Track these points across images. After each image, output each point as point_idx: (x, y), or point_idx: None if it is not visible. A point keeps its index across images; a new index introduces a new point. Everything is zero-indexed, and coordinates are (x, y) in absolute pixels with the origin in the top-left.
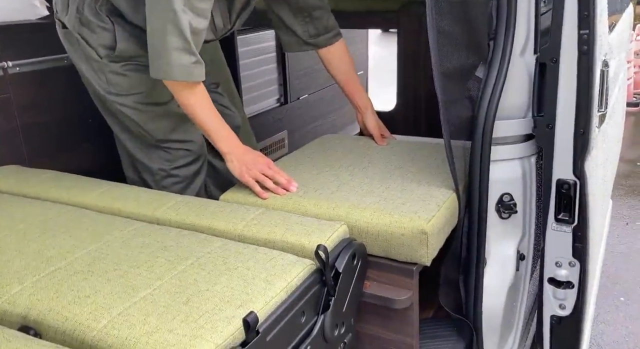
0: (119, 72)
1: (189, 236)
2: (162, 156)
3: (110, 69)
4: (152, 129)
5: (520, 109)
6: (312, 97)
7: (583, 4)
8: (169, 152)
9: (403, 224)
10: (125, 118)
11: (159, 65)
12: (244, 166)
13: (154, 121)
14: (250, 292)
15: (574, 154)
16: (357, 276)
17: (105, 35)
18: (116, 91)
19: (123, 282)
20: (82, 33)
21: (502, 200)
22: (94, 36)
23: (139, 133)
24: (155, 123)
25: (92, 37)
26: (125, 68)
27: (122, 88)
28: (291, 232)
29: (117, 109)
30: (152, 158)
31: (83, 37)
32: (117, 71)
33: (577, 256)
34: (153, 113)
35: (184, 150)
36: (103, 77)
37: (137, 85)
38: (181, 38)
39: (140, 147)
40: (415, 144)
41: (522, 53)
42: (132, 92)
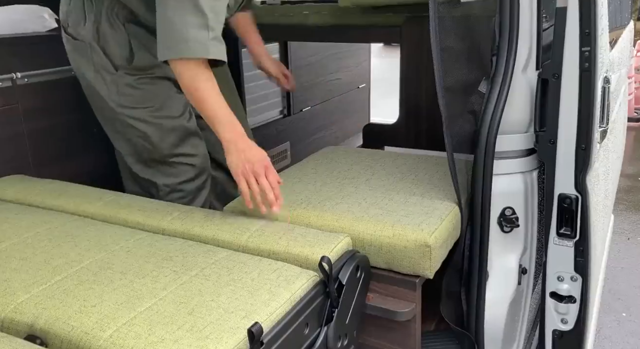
0: (133, 85)
1: (194, 247)
2: (167, 171)
3: (125, 82)
4: (159, 143)
5: (523, 124)
6: (314, 109)
7: (584, 21)
8: (174, 166)
9: (406, 236)
10: (133, 132)
11: (172, 44)
12: (242, 164)
13: (162, 134)
14: (254, 303)
15: (575, 169)
16: (360, 288)
17: (121, 47)
18: (129, 104)
19: (129, 292)
20: (98, 44)
21: (504, 214)
22: (110, 48)
23: (144, 147)
24: (164, 137)
25: (108, 48)
26: (140, 81)
27: (135, 101)
28: (295, 243)
29: (126, 123)
30: (156, 174)
31: (100, 49)
32: (131, 84)
33: (579, 271)
34: (163, 127)
35: (189, 165)
36: (114, 89)
37: (150, 98)
38: (198, 13)
39: (143, 164)
40: (418, 157)
41: (525, 69)
42: (144, 106)
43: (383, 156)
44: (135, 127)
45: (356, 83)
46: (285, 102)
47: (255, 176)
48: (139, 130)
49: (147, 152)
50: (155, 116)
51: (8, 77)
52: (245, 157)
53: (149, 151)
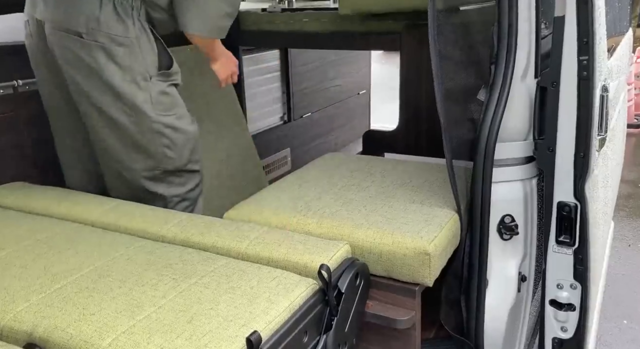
0: (165, 91)
1: (194, 254)
2: (176, 181)
3: (158, 88)
4: (182, 150)
5: (522, 131)
6: (315, 115)
7: (582, 31)
8: (183, 176)
9: (405, 244)
10: (160, 141)
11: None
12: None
13: (185, 141)
14: (253, 311)
15: (574, 177)
16: (359, 295)
17: (152, 53)
18: (161, 111)
19: (128, 300)
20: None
21: (503, 221)
22: (144, 54)
23: (166, 158)
24: (186, 144)
25: (142, 54)
26: (169, 88)
27: (166, 108)
28: (294, 251)
29: (159, 131)
30: (165, 186)
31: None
32: (164, 90)
33: (578, 279)
34: (187, 133)
35: (195, 172)
36: (148, 96)
37: (176, 105)
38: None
39: (154, 178)
40: (418, 164)
41: (523, 77)
42: (172, 113)
43: (383, 163)
44: (165, 135)
45: (356, 89)
46: (286, 109)
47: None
48: (168, 137)
49: (165, 163)
50: (181, 122)
51: (10, 85)
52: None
53: (170, 160)
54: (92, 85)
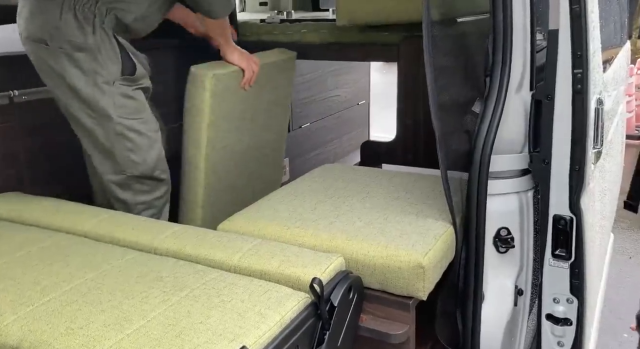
0: (129, 95)
1: (185, 267)
2: (141, 189)
3: (121, 92)
4: (146, 156)
5: (517, 144)
6: (313, 125)
7: (576, 44)
8: (147, 184)
9: (400, 257)
10: (124, 144)
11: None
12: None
13: (150, 147)
14: (243, 325)
15: (569, 190)
16: (352, 309)
17: (115, 58)
18: (125, 114)
19: (117, 313)
20: (97, 55)
21: (499, 234)
22: (105, 59)
23: (130, 162)
24: (150, 150)
25: (103, 59)
26: (134, 92)
27: (130, 111)
28: (287, 264)
29: (122, 134)
30: (131, 193)
31: (99, 60)
32: (127, 94)
33: (574, 293)
34: (150, 139)
35: (160, 180)
36: (111, 100)
37: (141, 109)
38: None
39: (121, 183)
40: (415, 176)
41: (518, 89)
42: (138, 116)
43: (379, 174)
44: (128, 138)
45: (356, 100)
46: None
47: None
48: (131, 140)
49: (130, 167)
50: (144, 127)
51: (6, 95)
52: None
53: (135, 165)
54: (61, 91)
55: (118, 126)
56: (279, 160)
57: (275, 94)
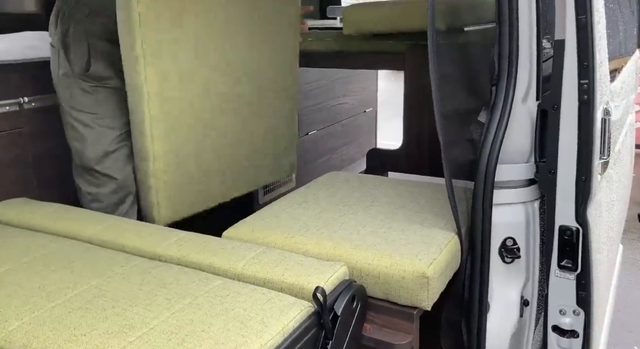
0: (86, 90)
1: (189, 274)
2: (90, 181)
3: (80, 86)
4: (91, 149)
5: (523, 154)
6: (320, 133)
7: (583, 54)
8: (96, 177)
9: (404, 266)
10: (73, 134)
11: None
12: None
13: (97, 141)
14: (246, 334)
15: (576, 201)
16: (356, 319)
17: (81, 56)
18: (78, 107)
19: (120, 320)
20: (63, 50)
21: (505, 244)
22: (71, 55)
23: (77, 151)
24: (97, 145)
25: (69, 55)
26: (93, 89)
27: (83, 105)
28: (290, 272)
29: (70, 124)
30: (81, 181)
31: (63, 54)
32: (85, 89)
33: (581, 304)
34: (99, 134)
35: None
36: (68, 92)
37: (98, 106)
38: None
39: (75, 170)
40: (421, 184)
41: (524, 99)
42: (91, 111)
43: (385, 183)
44: (76, 129)
45: (363, 107)
46: None
47: None
48: (79, 132)
49: (78, 157)
50: (97, 122)
51: (15, 102)
52: None
53: (80, 155)
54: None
55: (67, 115)
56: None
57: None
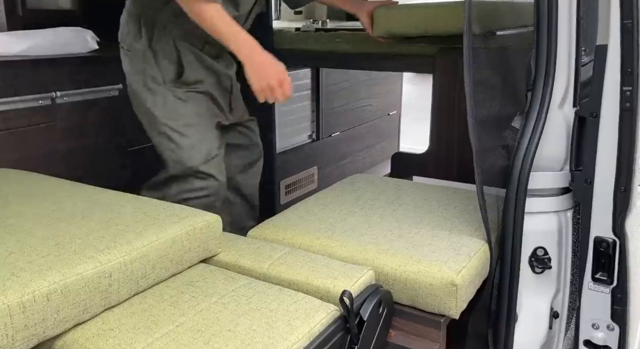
0: (180, 97)
1: (215, 272)
2: (182, 188)
3: (173, 94)
4: (188, 157)
5: (558, 161)
6: (343, 135)
7: (627, 60)
8: (190, 182)
9: (432, 273)
10: (167, 144)
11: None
12: (259, 81)
13: (193, 148)
14: (272, 335)
15: (613, 212)
16: (382, 324)
17: (171, 62)
18: (172, 116)
19: (147, 316)
20: (152, 57)
21: (535, 254)
22: (161, 62)
23: (172, 161)
24: (193, 152)
25: (159, 62)
26: (187, 94)
27: (178, 113)
28: (316, 274)
29: (165, 134)
30: (169, 189)
31: (152, 61)
32: (179, 96)
33: (616, 320)
34: (194, 141)
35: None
36: (161, 101)
37: (191, 112)
38: None
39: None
40: (448, 189)
41: (561, 105)
42: (185, 119)
43: (411, 186)
44: (172, 138)
45: (387, 110)
46: (315, 127)
47: (271, 90)
48: (174, 142)
49: (172, 167)
50: (195, 129)
51: (48, 96)
52: (261, 75)
53: (175, 164)
54: (128, 90)
55: (161, 125)
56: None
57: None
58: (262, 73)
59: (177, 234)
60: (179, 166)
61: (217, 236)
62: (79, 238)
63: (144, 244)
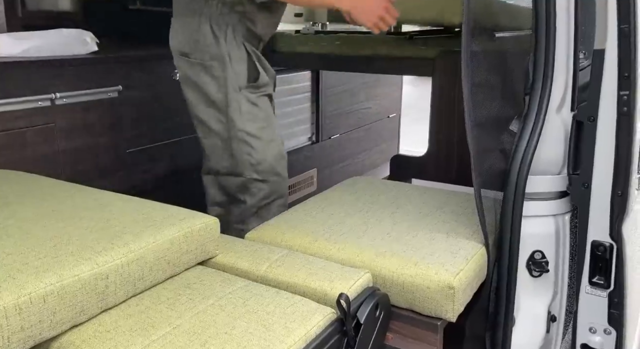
0: (254, 102)
1: (212, 275)
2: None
3: (248, 99)
4: (262, 159)
5: (555, 165)
6: (342, 137)
7: (624, 64)
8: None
9: (429, 276)
10: (244, 148)
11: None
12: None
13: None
14: (268, 338)
15: (610, 215)
16: (379, 327)
17: (244, 66)
18: (248, 120)
19: (144, 318)
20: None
21: (533, 257)
22: (236, 66)
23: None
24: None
25: (234, 67)
26: (260, 99)
27: (254, 117)
28: (314, 277)
29: (242, 140)
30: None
31: (229, 68)
32: (253, 101)
33: (613, 324)
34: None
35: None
36: (237, 106)
37: (264, 115)
38: None
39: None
40: (446, 192)
41: (559, 109)
42: (260, 123)
43: (410, 189)
44: (247, 142)
45: (386, 112)
46: (314, 129)
47: (383, 20)
48: (251, 145)
49: (249, 170)
50: (264, 133)
51: (47, 98)
52: (369, 13)
53: (252, 167)
54: (195, 98)
55: (240, 131)
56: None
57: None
58: (369, 11)
59: (174, 236)
60: (258, 167)
61: (214, 238)
62: (76, 239)
63: (141, 246)
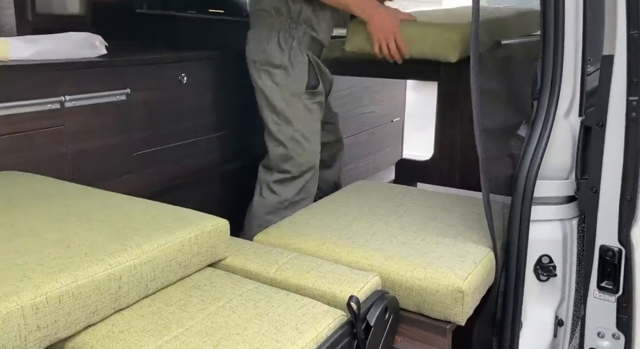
0: (308, 107)
1: (223, 276)
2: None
3: (304, 103)
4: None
5: (563, 170)
6: (347, 141)
7: (633, 70)
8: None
9: (438, 280)
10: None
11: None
12: (376, 33)
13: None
14: (280, 340)
15: (619, 221)
16: (388, 330)
17: (305, 73)
18: (302, 124)
19: (156, 319)
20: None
21: (540, 262)
22: (298, 74)
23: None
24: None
25: (296, 74)
26: (313, 106)
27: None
28: (323, 280)
29: (296, 140)
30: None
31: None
32: (307, 106)
33: (621, 329)
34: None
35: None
36: (294, 110)
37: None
38: None
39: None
40: (452, 196)
41: (567, 114)
42: (309, 126)
43: (416, 193)
44: (300, 143)
45: (390, 117)
46: None
47: (387, 41)
48: (302, 146)
49: (296, 167)
50: (313, 136)
51: (57, 100)
52: (377, 27)
53: (299, 166)
54: (260, 101)
55: (295, 132)
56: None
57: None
58: (382, 28)
59: (185, 238)
60: (303, 166)
61: (224, 240)
62: (88, 241)
63: (153, 247)
